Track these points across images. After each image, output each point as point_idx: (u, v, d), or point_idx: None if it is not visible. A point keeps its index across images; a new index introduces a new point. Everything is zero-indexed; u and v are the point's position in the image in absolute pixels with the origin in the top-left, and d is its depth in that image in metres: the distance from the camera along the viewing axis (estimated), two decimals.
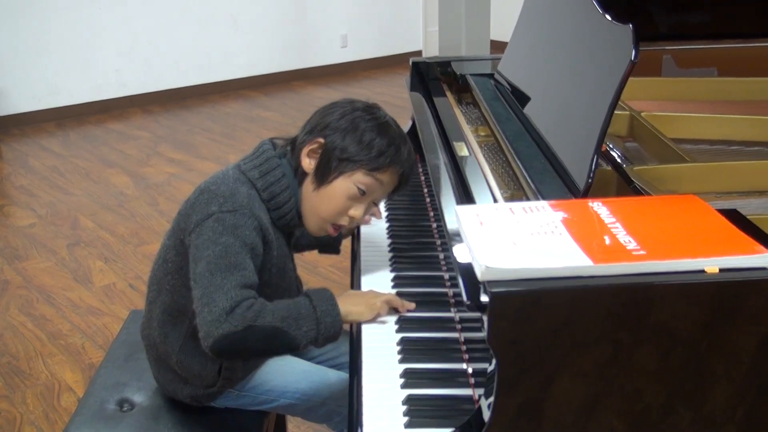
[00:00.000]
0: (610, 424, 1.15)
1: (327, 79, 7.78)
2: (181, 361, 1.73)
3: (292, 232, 1.78)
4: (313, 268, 3.76)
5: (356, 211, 1.67)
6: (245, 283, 1.53)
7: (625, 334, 1.10)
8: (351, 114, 1.65)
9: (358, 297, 1.66)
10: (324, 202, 1.65)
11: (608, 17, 1.54)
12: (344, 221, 1.68)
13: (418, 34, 8.67)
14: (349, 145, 1.62)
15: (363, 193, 1.65)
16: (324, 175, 1.64)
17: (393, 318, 1.65)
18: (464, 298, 1.15)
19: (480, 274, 1.09)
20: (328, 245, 2.03)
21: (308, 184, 1.67)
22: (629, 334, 1.10)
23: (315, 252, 2.04)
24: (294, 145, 1.69)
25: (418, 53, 8.51)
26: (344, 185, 1.63)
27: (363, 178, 1.63)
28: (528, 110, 1.84)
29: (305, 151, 1.65)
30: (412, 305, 1.65)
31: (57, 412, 2.85)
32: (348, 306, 1.61)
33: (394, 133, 1.67)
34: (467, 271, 1.16)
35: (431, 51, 8.30)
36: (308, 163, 1.65)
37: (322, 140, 1.64)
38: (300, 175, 1.68)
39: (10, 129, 6.44)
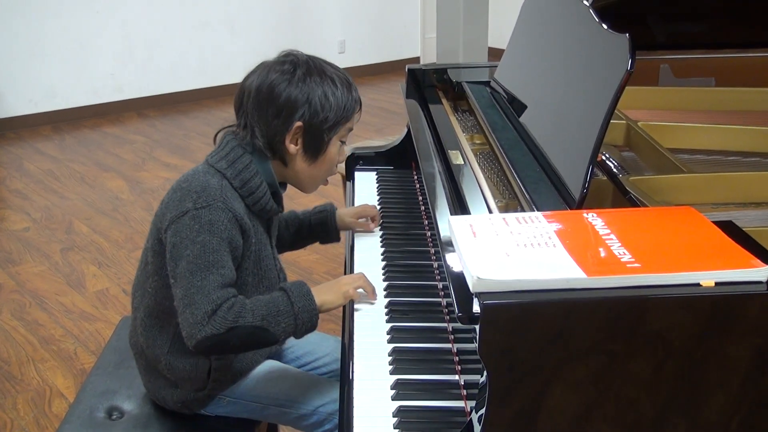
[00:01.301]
0: None
1: None
2: (170, 363, 1.73)
3: (270, 220, 1.79)
4: (308, 275, 3.74)
5: (342, 156, 1.78)
6: (224, 282, 1.57)
7: (618, 346, 1.09)
8: (300, 81, 1.65)
9: (331, 286, 1.71)
10: (323, 167, 1.74)
11: (605, 26, 1.53)
12: (335, 170, 1.80)
13: (415, 41, 8.67)
14: (328, 112, 1.67)
15: (344, 142, 1.76)
16: (317, 149, 1.70)
17: (385, 327, 1.63)
18: (456, 309, 1.14)
19: (472, 285, 1.08)
20: (327, 235, 2.06)
21: (299, 163, 1.71)
22: (623, 346, 1.09)
23: (310, 258, 2.04)
24: (260, 133, 1.68)
25: (416, 60, 8.50)
26: (333, 147, 1.73)
27: (344, 131, 1.73)
28: (524, 119, 1.83)
29: (288, 138, 1.67)
30: (374, 298, 1.74)
31: (48, 418, 2.83)
32: (322, 296, 1.66)
33: (338, 73, 1.71)
34: (459, 281, 1.14)
35: (429, 58, 8.31)
36: (294, 148, 1.69)
37: (300, 123, 1.66)
38: (281, 157, 1.70)
39: (6, 132, 6.42)
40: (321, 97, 1.65)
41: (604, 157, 1.69)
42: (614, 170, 1.64)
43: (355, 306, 1.72)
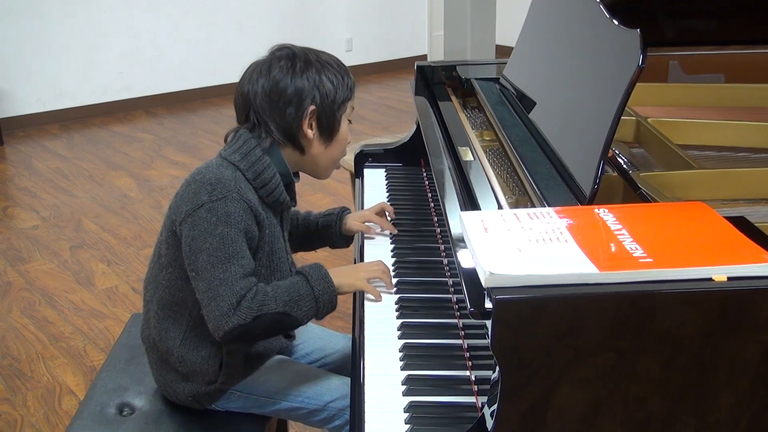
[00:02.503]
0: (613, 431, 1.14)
1: None
2: (182, 356, 1.74)
3: (283, 213, 1.81)
4: None
5: (349, 136, 1.83)
6: (245, 272, 1.60)
7: (629, 342, 1.09)
8: (303, 71, 1.70)
9: (349, 271, 1.76)
10: (339, 148, 1.80)
11: (615, 22, 1.53)
12: (346, 152, 1.85)
13: (423, 39, 8.66)
14: (335, 91, 1.73)
15: (350, 121, 1.82)
16: (331, 129, 1.75)
17: (396, 324, 1.64)
18: (468, 304, 1.14)
19: (484, 280, 1.08)
20: (331, 238, 2.06)
21: (317, 146, 1.75)
22: (634, 342, 1.09)
23: (318, 255, 2.05)
24: (276, 128, 1.71)
25: (423, 57, 8.50)
26: (344, 125, 1.79)
27: (349, 110, 1.79)
28: (533, 115, 1.82)
29: (304, 125, 1.71)
30: (392, 288, 1.78)
31: (58, 415, 2.84)
32: (341, 279, 1.71)
33: (332, 57, 1.78)
34: (471, 277, 1.14)
35: (436, 55, 8.30)
36: (311, 132, 1.73)
37: (313, 107, 1.70)
38: (300, 144, 1.74)
39: (15, 131, 6.44)
40: (326, 80, 1.71)
41: (614, 153, 1.69)
42: (624, 166, 1.64)
43: (366, 300, 1.72)
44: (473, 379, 1.45)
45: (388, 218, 2.09)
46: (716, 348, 1.09)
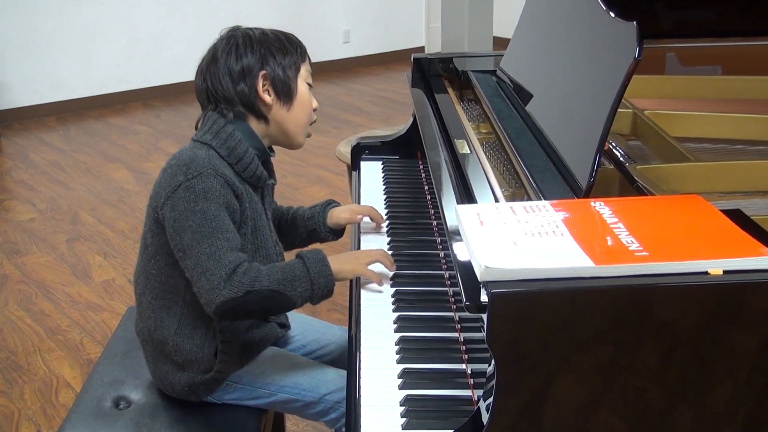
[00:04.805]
0: (611, 424, 1.13)
1: (329, 74, 7.76)
2: (177, 344, 1.74)
3: (263, 190, 1.82)
4: None
5: (315, 102, 1.84)
6: (231, 246, 1.61)
7: (626, 335, 1.09)
8: (248, 47, 1.75)
9: (349, 256, 1.76)
10: (301, 110, 1.80)
11: (612, 14, 1.52)
12: (314, 116, 1.85)
13: (420, 30, 8.65)
14: (284, 56, 1.76)
15: (311, 85, 1.82)
16: (288, 90, 1.77)
17: (392, 317, 1.64)
18: (463, 298, 1.14)
19: (479, 274, 1.08)
20: (325, 232, 2.05)
21: (278, 111, 1.77)
22: (630, 335, 1.09)
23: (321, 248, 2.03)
24: (233, 101, 1.74)
25: (421, 49, 8.48)
26: (303, 87, 1.79)
27: (305, 72, 1.80)
28: (530, 107, 1.82)
29: (259, 90, 1.74)
30: (394, 268, 1.78)
31: (55, 408, 2.84)
32: (340, 264, 1.69)
33: (274, 30, 1.81)
34: (467, 270, 1.14)
35: (434, 47, 8.28)
36: (269, 98, 1.75)
37: (264, 71, 1.74)
38: (261, 113, 1.76)
39: (11, 123, 6.43)
40: (270, 47, 1.75)
41: (610, 146, 1.69)
42: (621, 159, 1.63)
43: (362, 292, 1.72)
44: (469, 372, 1.45)
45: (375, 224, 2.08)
46: (713, 340, 1.09)
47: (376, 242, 1.97)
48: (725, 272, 1.07)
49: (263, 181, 1.79)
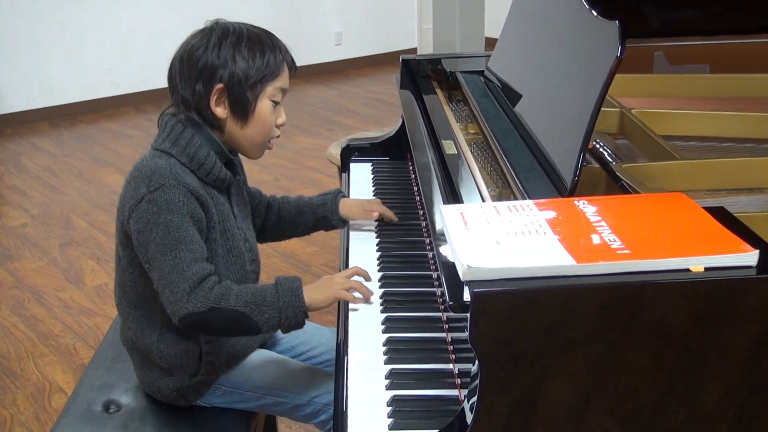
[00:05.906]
0: (600, 423, 1.14)
1: (321, 77, 7.76)
2: (161, 352, 1.74)
3: (229, 189, 1.78)
4: (306, 267, 3.74)
5: (281, 118, 1.75)
6: (196, 257, 1.59)
7: (610, 333, 1.09)
8: (216, 45, 1.67)
9: (325, 282, 1.69)
10: (257, 130, 1.71)
11: (594, 13, 1.53)
12: (276, 133, 1.76)
13: (412, 32, 8.65)
14: (248, 70, 1.66)
15: (278, 102, 1.72)
16: (244, 109, 1.68)
17: (380, 318, 1.64)
18: (446, 297, 1.14)
19: (462, 273, 1.08)
20: (336, 219, 2.04)
21: (231, 126, 1.70)
22: (615, 333, 1.09)
23: (308, 250, 2.04)
24: (188, 104, 1.69)
25: (413, 51, 8.48)
26: (264, 105, 1.69)
27: (272, 90, 1.69)
28: (517, 107, 1.82)
29: (212, 102, 1.67)
30: (370, 278, 1.75)
31: (48, 413, 2.83)
32: (314, 294, 1.64)
33: (259, 33, 1.72)
34: (450, 270, 1.14)
35: (426, 48, 8.28)
36: (221, 111, 1.68)
37: (221, 85, 1.66)
38: (214, 123, 1.70)
39: (3, 128, 6.41)
40: (239, 57, 1.66)
41: (597, 145, 1.69)
42: (608, 158, 1.64)
43: (350, 306, 1.71)
44: (456, 372, 1.45)
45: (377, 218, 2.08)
46: (700, 337, 1.09)
47: (365, 242, 1.98)
48: (706, 269, 1.08)
49: (228, 182, 1.76)
